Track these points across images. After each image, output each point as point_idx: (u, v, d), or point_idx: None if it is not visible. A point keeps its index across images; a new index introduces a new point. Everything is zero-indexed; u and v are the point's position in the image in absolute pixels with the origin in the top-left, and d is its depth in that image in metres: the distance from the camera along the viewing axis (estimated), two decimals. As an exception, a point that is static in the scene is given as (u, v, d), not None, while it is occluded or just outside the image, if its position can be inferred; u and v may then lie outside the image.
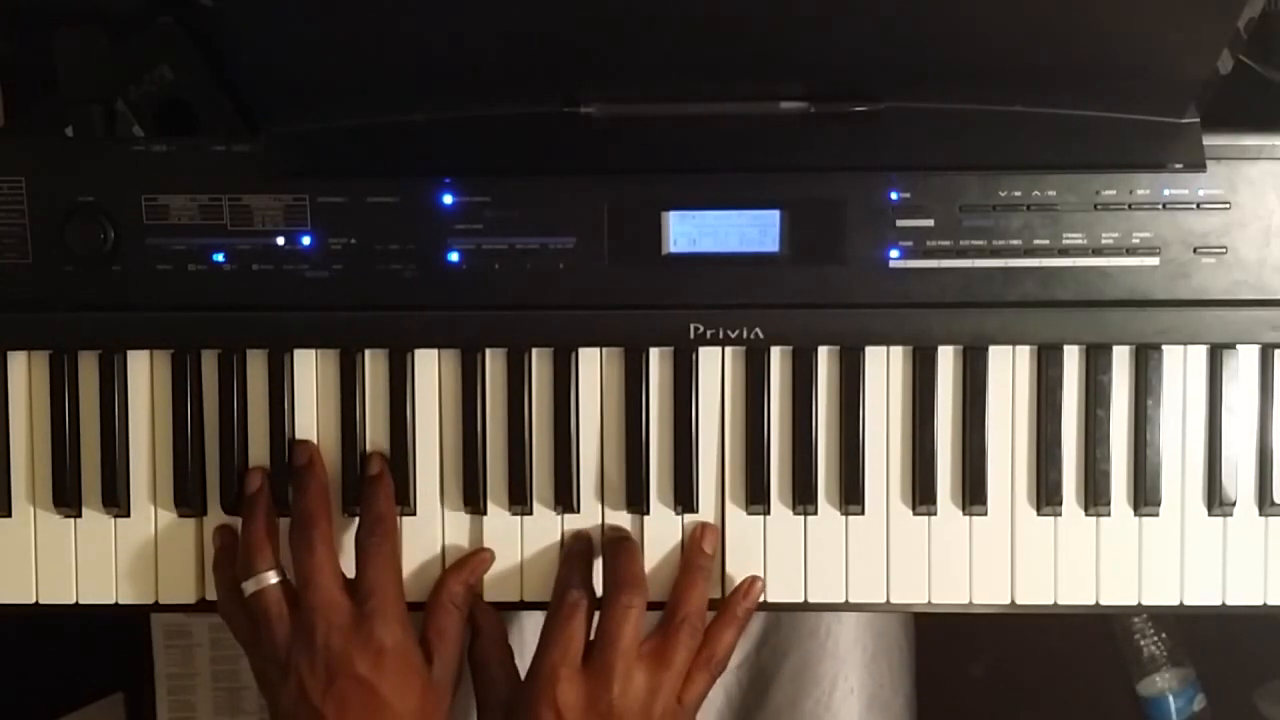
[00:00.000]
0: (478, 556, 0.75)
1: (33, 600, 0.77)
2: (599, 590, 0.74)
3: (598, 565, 0.75)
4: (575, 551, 0.75)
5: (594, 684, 0.70)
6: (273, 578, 0.72)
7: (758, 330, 0.75)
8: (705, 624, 0.73)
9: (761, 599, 0.76)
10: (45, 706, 1.11)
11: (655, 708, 0.71)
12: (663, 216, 0.74)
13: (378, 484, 0.75)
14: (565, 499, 0.76)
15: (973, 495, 0.75)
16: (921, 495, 0.75)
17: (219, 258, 0.75)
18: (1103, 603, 0.75)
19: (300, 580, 0.72)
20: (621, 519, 0.76)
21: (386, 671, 0.70)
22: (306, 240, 0.75)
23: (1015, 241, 0.74)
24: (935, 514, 0.76)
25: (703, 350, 0.75)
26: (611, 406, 0.76)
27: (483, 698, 0.74)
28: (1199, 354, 0.75)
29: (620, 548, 0.74)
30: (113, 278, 0.75)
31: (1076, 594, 0.75)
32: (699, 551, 0.75)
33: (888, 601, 0.76)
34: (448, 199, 0.74)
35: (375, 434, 0.76)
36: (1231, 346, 0.75)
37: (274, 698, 0.72)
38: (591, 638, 0.73)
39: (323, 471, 0.75)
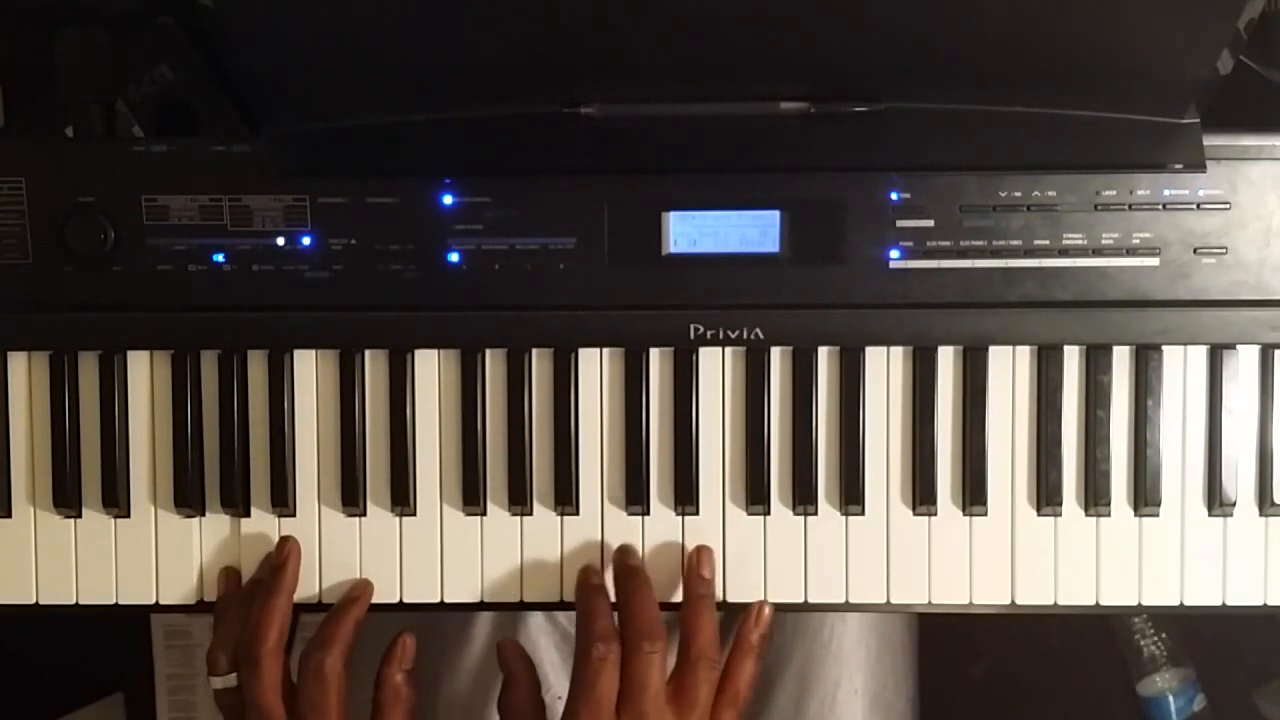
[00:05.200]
0: (401, 640, 0.74)
1: (33, 600, 0.77)
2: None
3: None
4: (591, 588, 0.74)
5: None
6: (233, 681, 0.73)
7: (758, 330, 0.75)
8: (720, 652, 0.72)
9: (762, 599, 0.76)
10: (45, 706, 1.11)
11: None
12: (663, 217, 0.74)
13: (349, 607, 0.74)
14: (565, 499, 0.76)
15: (973, 495, 0.75)
16: (921, 495, 0.75)
17: (219, 258, 0.75)
18: (1103, 603, 0.75)
19: (243, 688, 0.72)
20: (621, 519, 0.76)
21: None
22: (306, 240, 0.75)
23: (1015, 242, 0.74)
24: (935, 514, 0.76)
25: (703, 350, 0.75)
26: (611, 407, 0.76)
27: None
28: (1199, 354, 0.75)
29: (634, 588, 0.73)
30: (113, 278, 0.75)
31: (1076, 594, 0.75)
32: (699, 579, 0.74)
33: (888, 602, 0.76)
34: (448, 199, 0.74)
35: (375, 434, 0.76)
36: (1231, 347, 0.75)
37: None
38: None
39: (293, 577, 0.75)
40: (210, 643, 0.75)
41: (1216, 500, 0.75)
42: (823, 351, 0.75)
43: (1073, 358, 0.75)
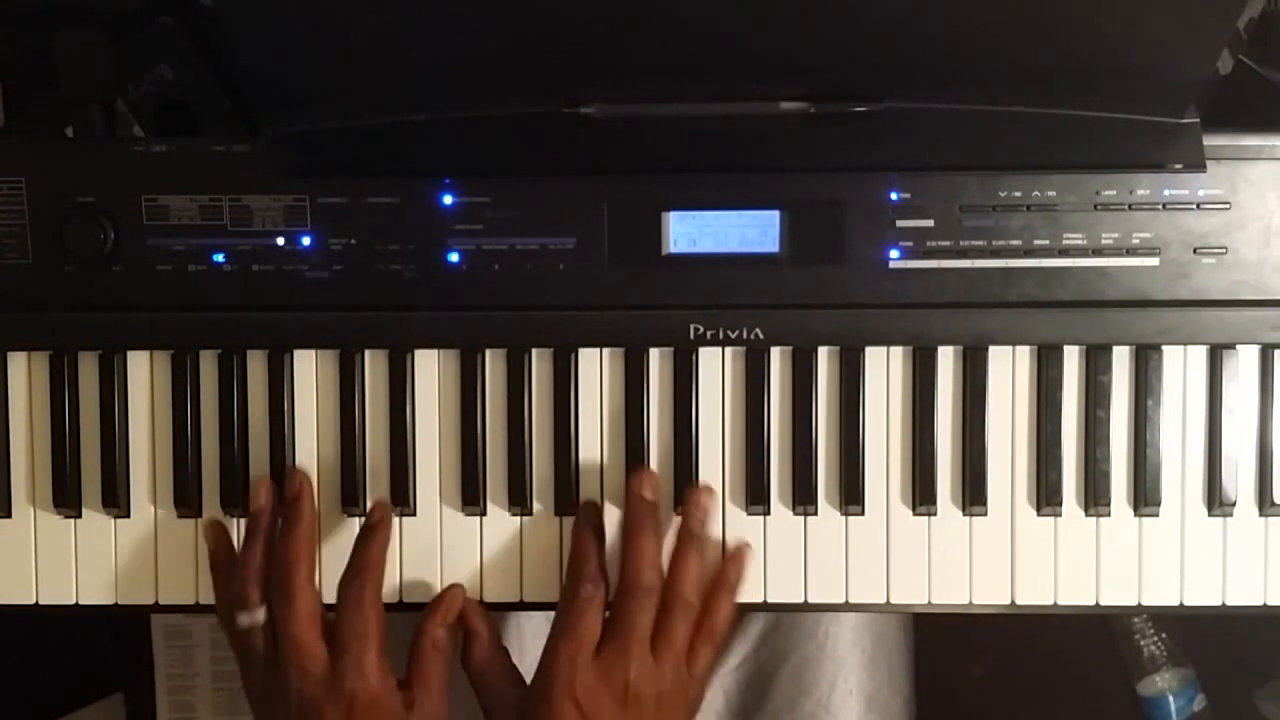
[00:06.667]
0: (451, 594, 0.74)
1: (33, 600, 0.77)
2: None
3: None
4: (587, 534, 0.74)
5: (611, 671, 0.70)
6: (261, 615, 0.72)
7: (758, 330, 0.75)
8: (699, 595, 0.73)
9: (761, 599, 0.76)
10: (45, 706, 1.11)
11: (666, 684, 0.71)
12: (663, 216, 0.74)
13: (374, 533, 0.74)
14: (565, 499, 0.76)
15: (973, 495, 0.75)
16: (921, 495, 0.75)
17: (219, 258, 0.75)
18: (1103, 603, 0.75)
19: (277, 627, 0.71)
20: (621, 519, 0.76)
21: None
22: (306, 240, 0.75)
23: (1015, 242, 0.74)
24: (935, 514, 0.76)
25: (703, 350, 0.75)
26: (611, 407, 0.76)
27: (488, 702, 0.74)
28: (1199, 354, 0.75)
29: (641, 531, 0.73)
30: (113, 278, 0.75)
31: (1076, 594, 0.75)
32: (693, 520, 0.74)
33: (888, 602, 0.76)
34: (448, 199, 0.74)
35: (375, 434, 0.76)
36: (1231, 346, 0.75)
37: (256, 715, 0.73)
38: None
39: (311, 507, 0.75)
40: (219, 590, 0.74)
41: (1216, 500, 0.75)
42: (823, 351, 0.75)
43: (1073, 358, 0.75)
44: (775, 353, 0.76)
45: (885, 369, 0.75)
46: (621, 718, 0.70)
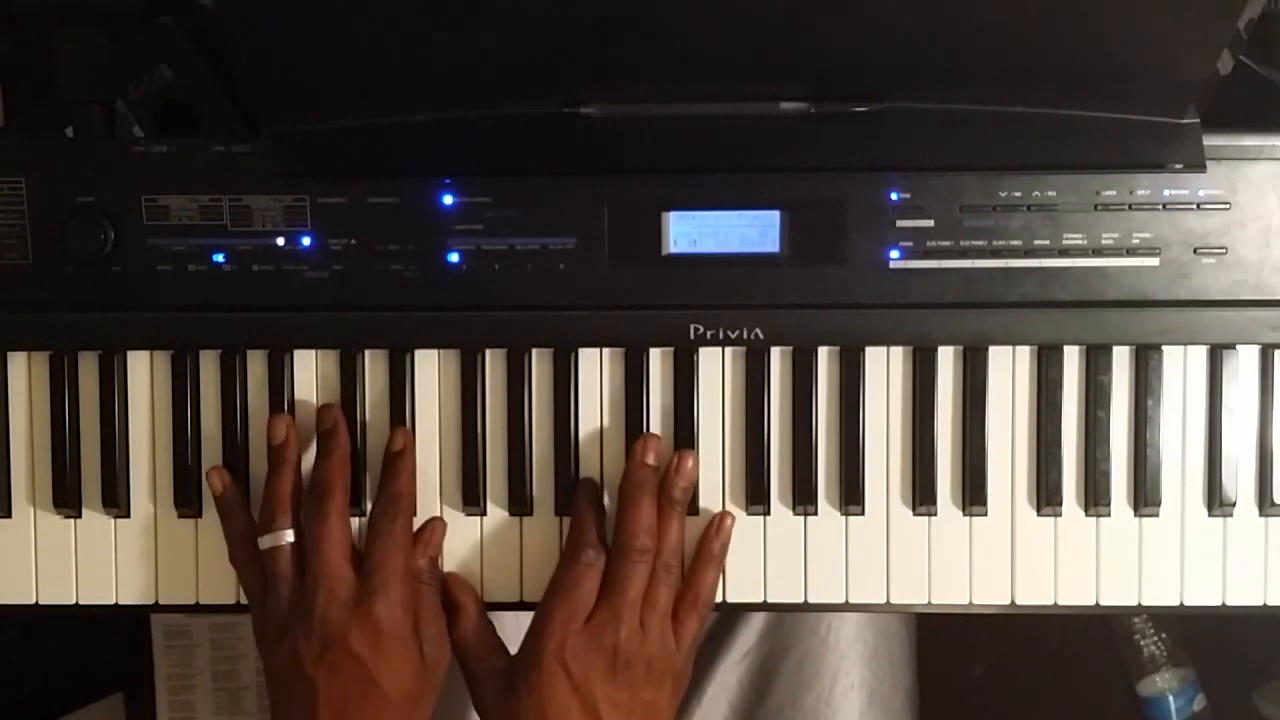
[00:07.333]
0: (429, 527, 0.75)
1: (33, 600, 0.77)
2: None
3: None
4: (587, 505, 0.74)
5: (601, 634, 0.71)
6: (289, 537, 0.73)
7: (758, 330, 0.75)
8: (679, 561, 0.74)
9: (762, 599, 0.76)
10: (45, 706, 1.11)
11: (654, 650, 0.72)
12: (663, 217, 0.74)
13: (399, 460, 0.75)
14: (565, 500, 0.76)
15: (973, 496, 0.75)
16: (921, 496, 0.75)
17: (219, 258, 0.75)
18: (1103, 603, 0.75)
19: (309, 547, 0.72)
20: (621, 519, 0.76)
21: (380, 651, 0.70)
22: (306, 241, 0.75)
23: (1015, 242, 0.74)
24: (935, 514, 0.76)
25: (703, 351, 0.75)
26: (612, 407, 0.76)
27: (475, 671, 0.74)
28: (1199, 354, 0.75)
29: (638, 496, 0.73)
30: (113, 278, 0.75)
31: (1076, 594, 0.75)
32: (672, 487, 0.74)
33: (888, 602, 0.76)
34: (448, 199, 0.74)
35: (375, 434, 0.76)
36: (1231, 347, 0.75)
37: (269, 657, 0.73)
38: None
39: (346, 440, 0.75)
40: (232, 526, 0.74)
41: (1216, 500, 0.75)
42: (823, 351, 0.75)
43: (1073, 358, 0.75)
44: (775, 353, 0.76)
45: (885, 369, 0.75)
46: (610, 683, 0.71)
